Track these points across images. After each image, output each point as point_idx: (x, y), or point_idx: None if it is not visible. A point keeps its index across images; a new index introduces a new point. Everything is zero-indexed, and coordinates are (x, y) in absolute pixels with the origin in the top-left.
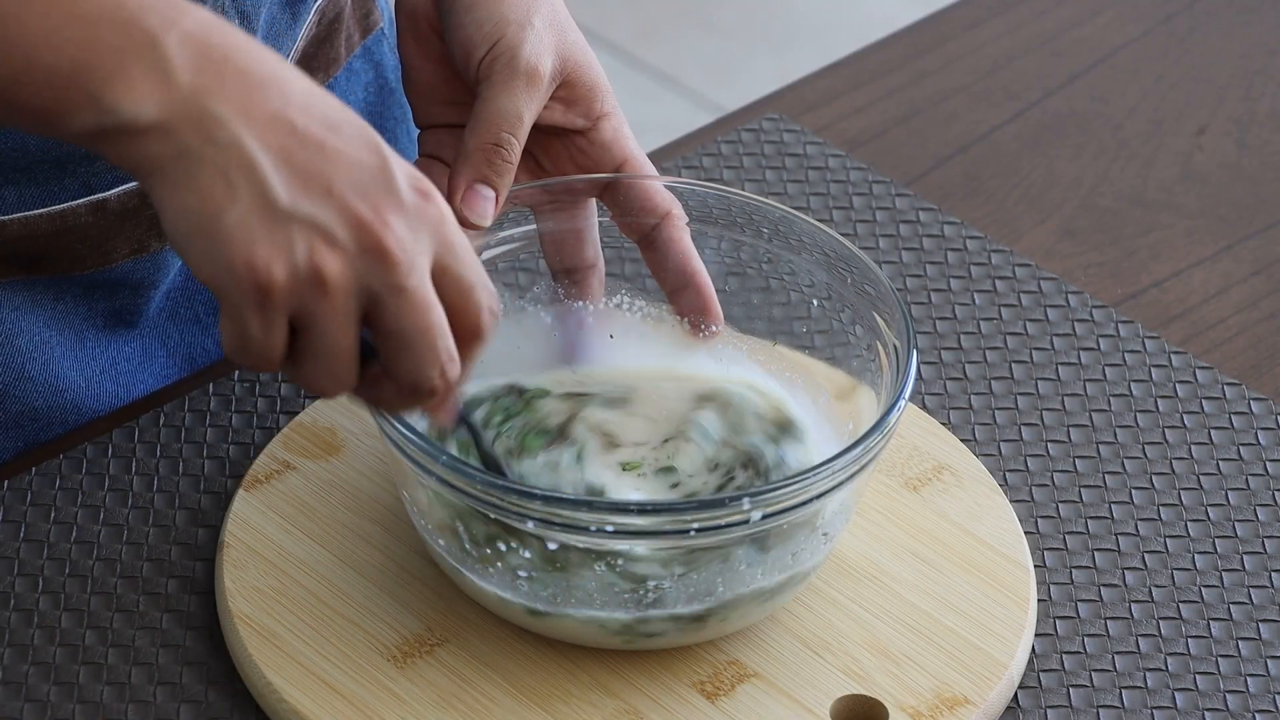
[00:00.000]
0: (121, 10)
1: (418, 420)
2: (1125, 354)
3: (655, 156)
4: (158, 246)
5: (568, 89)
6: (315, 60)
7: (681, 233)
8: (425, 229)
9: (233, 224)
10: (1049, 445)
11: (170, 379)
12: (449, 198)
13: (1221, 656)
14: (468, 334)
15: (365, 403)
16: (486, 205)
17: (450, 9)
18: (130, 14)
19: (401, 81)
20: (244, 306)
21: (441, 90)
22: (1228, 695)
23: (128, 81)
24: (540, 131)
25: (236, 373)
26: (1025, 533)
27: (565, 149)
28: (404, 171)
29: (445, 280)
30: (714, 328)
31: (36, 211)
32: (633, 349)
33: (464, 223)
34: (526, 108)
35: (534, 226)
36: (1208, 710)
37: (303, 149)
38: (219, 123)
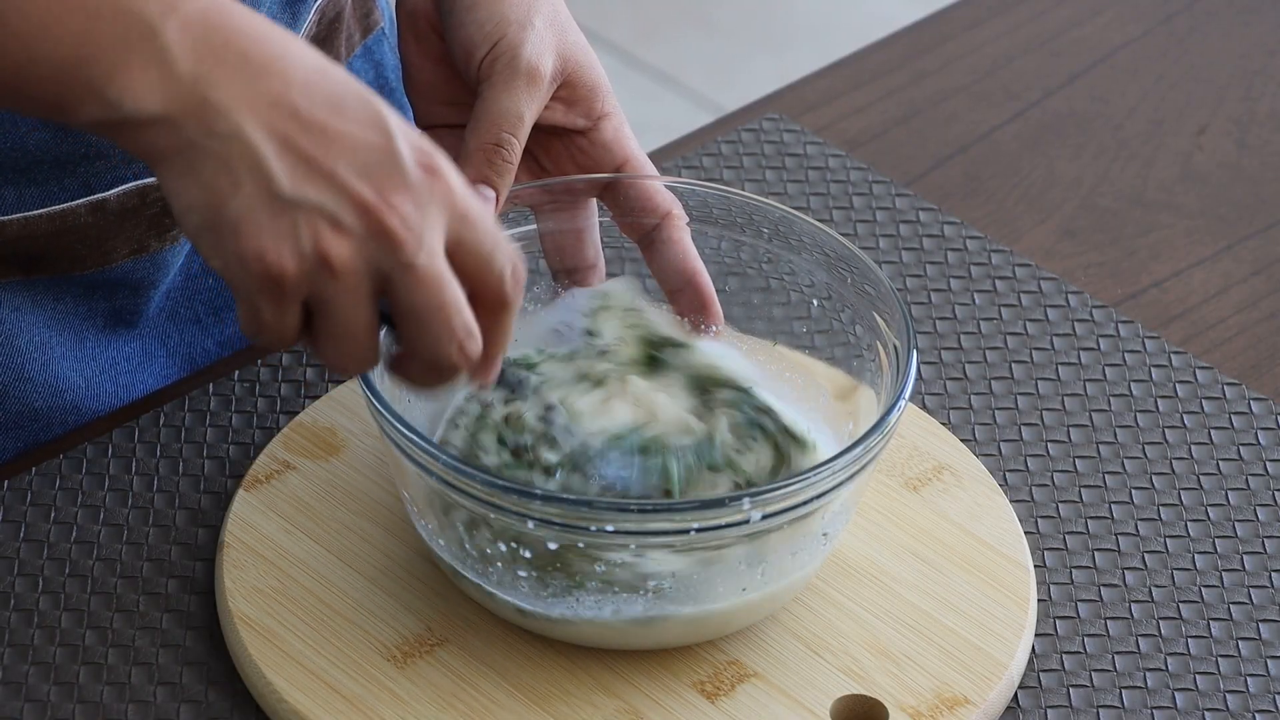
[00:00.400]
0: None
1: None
2: (1125, 354)
3: (655, 156)
4: (157, 246)
5: (568, 89)
6: None
7: (682, 233)
8: (435, 204)
9: (238, 216)
10: (1049, 445)
11: (170, 379)
12: None
13: (1221, 656)
14: (492, 302)
15: (397, 377)
16: (487, 205)
17: (451, 9)
18: (130, 2)
19: (402, 82)
20: (256, 295)
21: (442, 90)
22: (1228, 695)
23: (128, 74)
24: (541, 131)
25: (236, 373)
26: (1025, 533)
27: (566, 149)
28: (411, 147)
29: (461, 251)
30: (714, 328)
31: (36, 212)
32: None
33: None
34: (527, 108)
35: (534, 226)
36: (1208, 710)
37: (305, 134)
38: (220, 112)
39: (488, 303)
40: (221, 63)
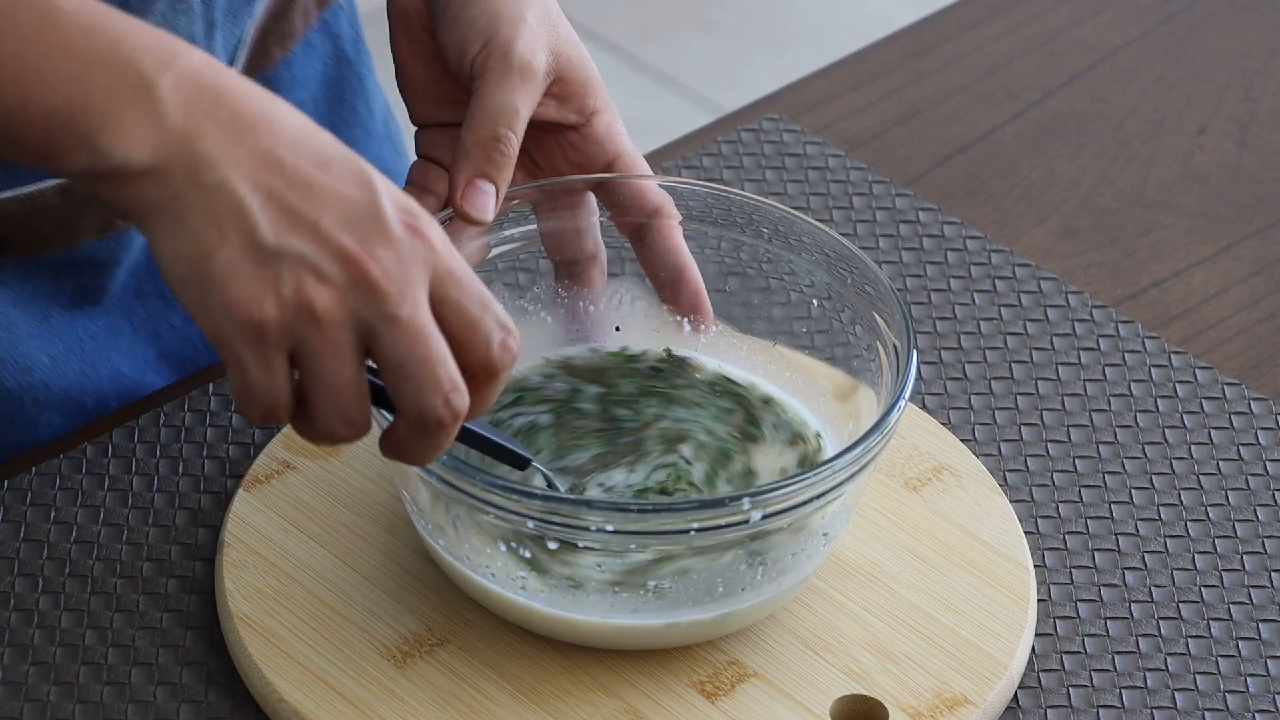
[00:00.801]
0: (118, 52)
1: None
2: (1125, 354)
3: (655, 156)
4: (123, 224)
5: (561, 85)
6: (272, 34)
7: (672, 229)
8: (418, 261)
9: (222, 266)
10: (1049, 445)
11: (137, 355)
12: (449, 194)
13: (1221, 656)
14: (478, 369)
15: (388, 454)
16: (487, 200)
17: (444, 6)
18: (126, 56)
19: (396, 81)
20: (241, 348)
21: (434, 89)
22: (1228, 695)
23: (120, 124)
24: (533, 127)
25: None
26: (1025, 533)
27: (558, 145)
28: (394, 204)
29: (446, 311)
30: (707, 326)
31: (4, 194)
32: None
33: (465, 219)
34: (523, 102)
35: (534, 226)
36: (1208, 710)
37: (290, 187)
38: (208, 164)
39: (472, 370)
40: (212, 118)
